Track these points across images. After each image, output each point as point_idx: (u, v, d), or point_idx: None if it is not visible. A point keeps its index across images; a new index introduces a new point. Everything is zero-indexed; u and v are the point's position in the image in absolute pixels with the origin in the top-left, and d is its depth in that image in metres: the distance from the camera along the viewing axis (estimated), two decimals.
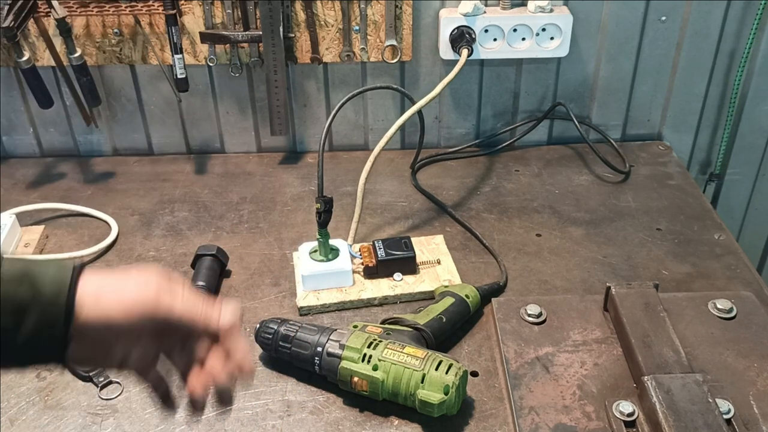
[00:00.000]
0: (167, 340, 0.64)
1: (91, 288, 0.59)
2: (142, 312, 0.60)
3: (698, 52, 1.27)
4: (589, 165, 1.29)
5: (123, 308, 0.59)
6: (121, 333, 0.60)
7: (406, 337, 0.86)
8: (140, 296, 0.60)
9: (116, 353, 0.62)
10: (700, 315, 0.93)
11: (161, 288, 0.61)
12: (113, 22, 1.18)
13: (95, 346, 0.60)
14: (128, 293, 0.60)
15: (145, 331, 0.61)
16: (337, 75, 1.27)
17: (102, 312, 0.59)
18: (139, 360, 0.64)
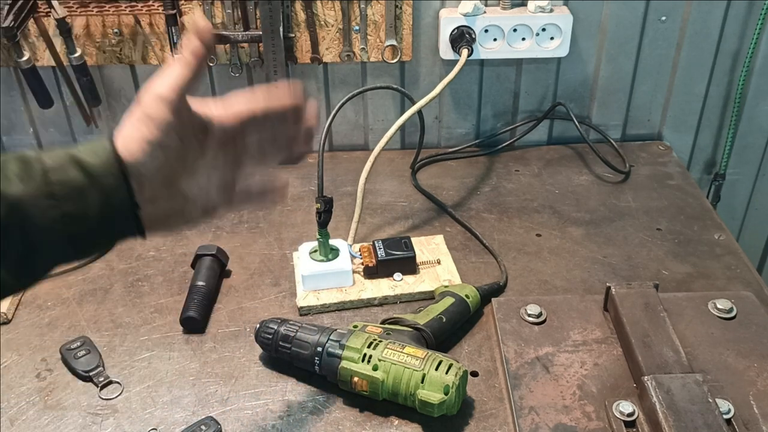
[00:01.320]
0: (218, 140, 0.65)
1: (124, 141, 0.59)
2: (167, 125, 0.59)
3: (698, 52, 1.27)
4: (589, 165, 1.29)
5: (154, 136, 0.59)
6: (170, 158, 0.60)
7: (406, 337, 0.86)
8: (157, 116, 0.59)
9: (185, 187, 0.62)
10: (700, 315, 0.93)
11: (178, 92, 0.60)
12: (113, 22, 1.18)
13: (162, 191, 0.61)
14: (151, 116, 0.59)
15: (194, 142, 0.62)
16: (337, 75, 1.27)
17: (143, 151, 0.58)
18: (213, 181, 0.65)
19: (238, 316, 0.98)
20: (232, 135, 0.66)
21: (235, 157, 0.67)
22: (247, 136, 0.67)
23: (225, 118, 0.65)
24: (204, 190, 0.65)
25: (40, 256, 0.58)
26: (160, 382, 0.88)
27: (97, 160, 0.57)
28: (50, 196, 0.56)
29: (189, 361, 0.91)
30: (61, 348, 0.91)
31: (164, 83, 0.60)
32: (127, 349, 0.93)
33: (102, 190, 0.57)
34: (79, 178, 0.57)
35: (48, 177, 0.56)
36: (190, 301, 0.96)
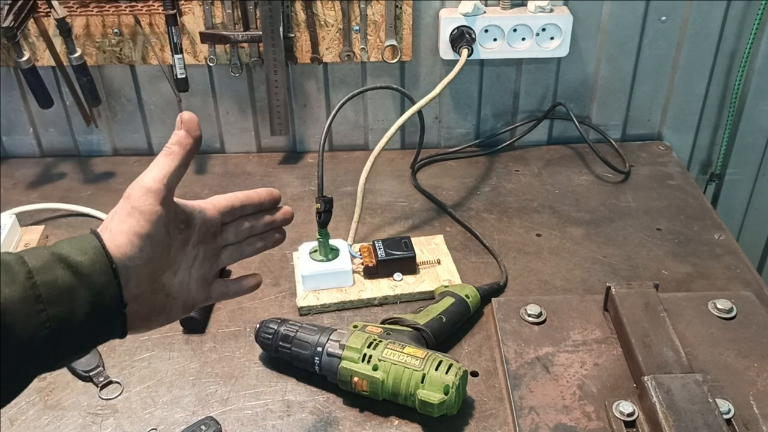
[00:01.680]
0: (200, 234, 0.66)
1: (112, 236, 0.58)
2: (155, 216, 0.59)
3: (698, 52, 1.27)
4: (589, 165, 1.29)
5: (143, 228, 0.59)
6: (156, 252, 0.60)
7: (406, 337, 0.86)
8: (146, 209, 0.59)
9: (166, 282, 0.62)
10: (700, 315, 0.93)
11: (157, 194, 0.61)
12: (113, 22, 1.18)
13: (147, 287, 0.60)
14: (140, 209, 0.59)
15: (177, 234, 0.63)
16: (337, 75, 1.27)
17: (132, 244, 0.58)
18: (193, 276, 0.66)
19: (238, 316, 0.98)
20: (212, 228, 0.68)
21: (215, 250, 0.68)
22: (225, 229, 0.69)
23: (206, 210, 0.67)
24: (185, 285, 0.65)
25: (17, 370, 0.53)
26: (160, 382, 0.88)
27: (85, 258, 0.55)
28: (37, 300, 0.52)
29: (189, 361, 0.91)
30: None
31: (152, 176, 0.60)
32: (127, 349, 0.93)
33: (92, 289, 0.55)
34: (67, 277, 0.54)
35: (33, 279, 0.53)
36: None
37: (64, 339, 0.54)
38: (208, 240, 0.67)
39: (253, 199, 0.71)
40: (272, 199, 0.72)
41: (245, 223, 0.71)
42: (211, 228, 0.67)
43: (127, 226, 0.58)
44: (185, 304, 0.66)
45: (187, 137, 0.63)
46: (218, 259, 0.69)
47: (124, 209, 0.59)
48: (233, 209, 0.69)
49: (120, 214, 0.59)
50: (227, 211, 0.69)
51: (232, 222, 0.70)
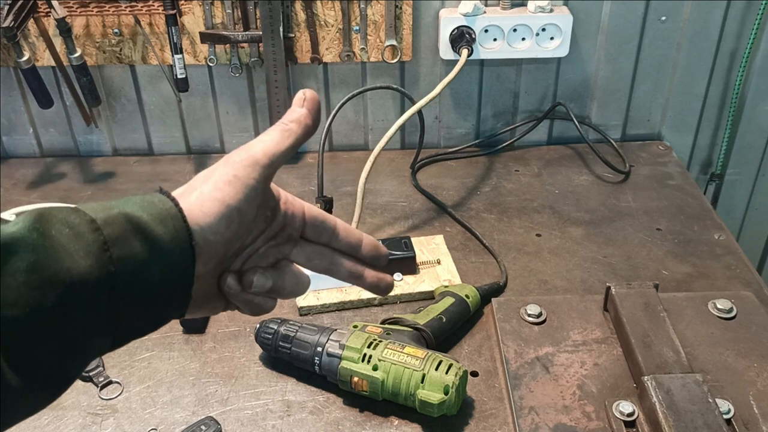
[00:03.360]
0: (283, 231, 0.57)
1: (200, 200, 0.50)
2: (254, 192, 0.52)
3: (698, 52, 1.27)
4: (589, 165, 1.29)
5: (240, 202, 0.51)
6: (240, 232, 0.52)
7: (406, 337, 0.86)
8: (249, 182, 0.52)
9: (230, 267, 0.54)
10: (700, 315, 0.93)
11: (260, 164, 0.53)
12: (113, 22, 1.18)
13: (215, 268, 0.53)
14: (240, 179, 0.52)
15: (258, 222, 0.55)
16: (337, 75, 1.27)
17: (221, 216, 0.50)
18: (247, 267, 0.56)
19: (238, 316, 0.98)
20: (289, 229, 0.58)
21: (277, 256, 0.58)
22: (300, 243, 0.59)
23: (292, 206, 0.58)
24: None
25: (80, 356, 0.46)
26: (160, 382, 0.88)
27: (165, 231, 0.47)
28: (110, 278, 0.45)
29: (189, 361, 0.91)
30: None
31: (261, 148, 0.53)
32: (127, 349, 0.92)
33: (166, 267, 0.48)
34: (144, 253, 0.46)
35: (108, 252, 0.45)
36: None
37: (128, 320, 0.47)
38: (279, 239, 0.58)
39: (351, 237, 0.60)
40: (374, 252, 0.61)
41: (328, 254, 0.60)
42: (288, 228, 0.58)
43: (223, 195, 0.50)
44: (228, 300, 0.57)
45: (308, 116, 0.55)
46: (278, 267, 0.58)
47: (225, 175, 0.51)
48: (322, 227, 0.59)
49: (217, 179, 0.51)
50: (315, 223, 0.59)
51: (314, 243, 0.59)
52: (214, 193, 0.51)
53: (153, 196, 0.50)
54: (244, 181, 0.51)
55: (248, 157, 0.52)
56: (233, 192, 0.51)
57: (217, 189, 0.51)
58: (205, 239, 0.50)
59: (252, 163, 0.52)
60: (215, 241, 0.51)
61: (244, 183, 0.51)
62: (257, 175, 0.52)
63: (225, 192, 0.51)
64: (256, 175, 0.52)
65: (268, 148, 0.53)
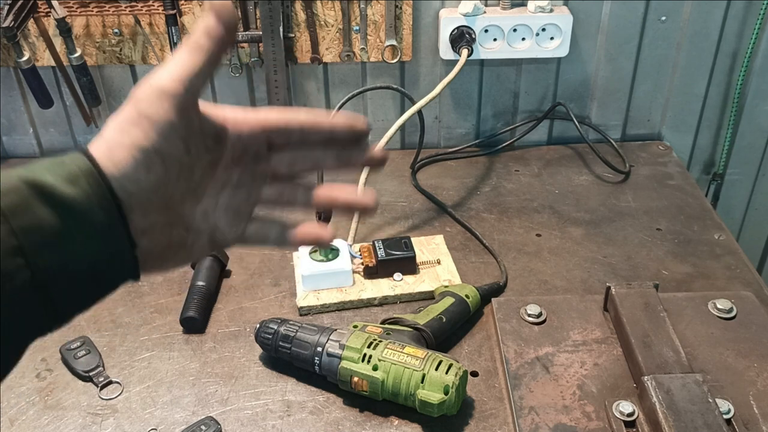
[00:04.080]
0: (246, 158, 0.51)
1: (108, 149, 0.45)
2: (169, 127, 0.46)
3: (698, 52, 1.27)
4: (589, 165, 1.29)
5: (152, 141, 0.45)
6: (170, 174, 0.46)
7: (406, 337, 0.86)
8: (158, 116, 0.45)
9: (187, 212, 0.49)
10: (700, 315, 0.93)
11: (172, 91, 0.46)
12: (113, 22, 1.18)
13: (159, 217, 0.47)
14: (148, 116, 0.45)
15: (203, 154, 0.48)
16: (337, 75, 1.27)
17: (136, 162, 0.44)
18: (222, 207, 0.51)
19: (238, 316, 0.98)
20: (252, 147, 0.52)
21: (254, 178, 0.53)
22: (274, 154, 0.53)
23: (246, 124, 0.52)
24: (209, 215, 0.51)
25: (7, 339, 0.42)
26: (160, 382, 0.88)
27: (75, 190, 0.42)
28: (15, 252, 0.40)
29: (189, 361, 0.91)
30: (61, 348, 0.91)
31: (168, 74, 0.46)
32: (127, 349, 0.93)
33: (88, 230, 0.42)
34: (53, 219, 0.41)
35: (8, 224, 0.40)
36: (190, 301, 0.96)
37: (60, 295, 0.43)
38: (246, 162, 0.52)
39: (322, 126, 0.52)
40: (352, 131, 0.53)
41: (307, 154, 0.53)
42: (250, 147, 0.52)
43: (131, 139, 0.44)
44: (212, 239, 0.52)
45: (217, 26, 0.47)
46: (259, 191, 0.54)
47: (129, 115, 0.45)
48: (288, 130, 0.52)
49: (122, 121, 0.45)
50: (278, 130, 0.52)
51: (288, 148, 0.53)
52: (122, 138, 0.45)
53: (65, 155, 0.44)
54: (153, 117, 0.45)
55: (153, 88, 0.46)
56: (142, 133, 0.45)
57: (123, 133, 0.45)
58: (128, 191, 0.44)
59: (159, 94, 0.45)
60: (141, 190, 0.45)
61: (152, 120, 0.45)
62: (168, 107, 0.45)
63: (133, 135, 0.45)
64: (166, 107, 0.45)
65: (176, 72, 0.46)
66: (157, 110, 0.45)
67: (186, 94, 0.46)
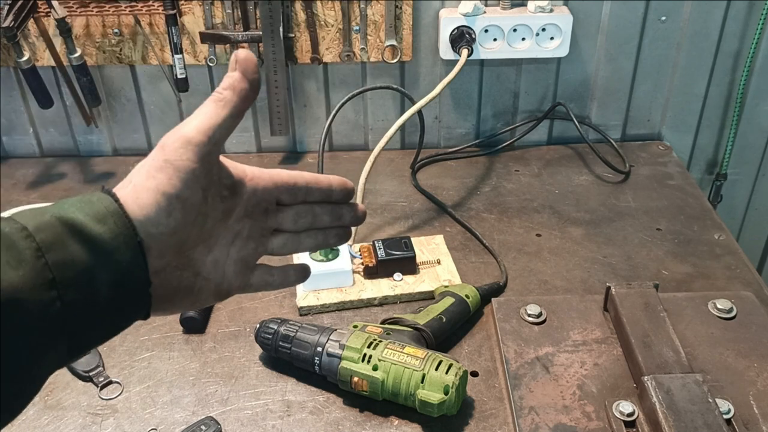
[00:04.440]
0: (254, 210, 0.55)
1: (135, 193, 0.47)
2: (191, 175, 0.48)
3: (698, 52, 1.27)
4: (589, 165, 1.29)
5: (175, 188, 0.48)
6: (188, 220, 0.49)
7: (406, 337, 0.86)
8: (182, 164, 0.48)
9: (198, 258, 0.52)
10: (700, 315, 0.93)
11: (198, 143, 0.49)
12: (113, 22, 1.18)
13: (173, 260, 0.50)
14: (173, 163, 0.48)
15: (218, 202, 0.52)
16: (337, 75, 1.27)
17: (158, 206, 0.47)
18: (232, 256, 0.54)
19: (238, 316, 0.98)
20: (263, 203, 0.56)
21: (263, 231, 0.57)
22: (282, 210, 0.58)
23: (259, 180, 0.56)
24: (220, 265, 0.54)
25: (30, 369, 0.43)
26: (160, 382, 0.88)
27: (104, 229, 0.45)
28: (50, 285, 0.42)
29: (189, 361, 0.91)
30: None
31: (195, 125, 0.49)
32: (127, 349, 0.93)
33: (114, 268, 0.45)
34: (84, 255, 0.44)
35: (43, 258, 0.42)
36: None
37: (82, 329, 0.45)
38: (257, 216, 0.56)
39: (322, 184, 0.59)
40: (344, 190, 0.60)
41: (309, 210, 0.59)
42: (262, 202, 0.56)
43: (156, 183, 0.47)
44: (218, 289, 0.55)
45: (242, 81, 0.51)
46: (267, 243, 0.58)
47: (156, 162, 0.48)
48: (296, 188, 0.58)
49: (149, 167, 0.48)
50: (288, 188, 0.57)
51: (293, 205, 0.58)
52: (147, 182, 0.47)
53: (91, 195, 0.47)
54: (177, 164, 0.48)
55: (179, 137, 0.48)
56: (166, 178, 0.47)
57: (149, 177, 0.47)
58: (148, 233, 0.47)
59: (184, 143, 0.48)
60: (160, 233, 0.47)
61: (176, 167, 0.48)
62: (192, 156, 0.48)
63: (158, 180, 0.47)
64: (190, 155, 0.48)
65: (201, 123, 0.49)
66: (181, 157, 0.48)
67: (210, 144, 0.49)
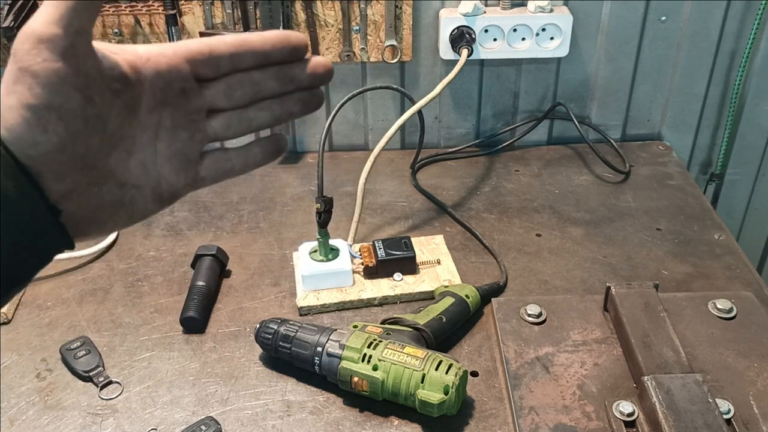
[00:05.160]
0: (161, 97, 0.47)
1: None
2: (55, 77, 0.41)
3: (698, 52, 1.27)
4: (589, 165, 1.29)
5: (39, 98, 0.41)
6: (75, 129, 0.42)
7: (406, 337, 0.86)
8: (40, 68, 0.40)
9: (116, 166, 0.45)
10: (700, 315, 0.93)
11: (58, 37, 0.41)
12: (113, 22, 1.18)
13: (80, 177, 0.44)
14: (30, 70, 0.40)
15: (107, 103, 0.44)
16: (337, 75, 1.27)
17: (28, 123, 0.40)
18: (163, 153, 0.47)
19: (238, 316, 0.98)
20: (177, 83, 0.47)
21: (193, 115, 0.49)
22: (207, 87, 0.49)
23: (161, 58, 0.46)
24: (150, 166, 0.47)
25: None
26: (160, 382, 0.88)
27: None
28: None
29: (189, 361, 0.91)
30: (61, 348, 0.91)
31: (41, 18, 0.40)
32: (127, 349, 0.93)
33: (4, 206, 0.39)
34: None
35: None
36: (190, 301, 0.96)
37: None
38: (174, 101, 0.47)
39: (252, 45, 0.48)
40: (287, 47, 0.49)
41: (244, 78, 0.49)
42: (173, 82, 0.47)
43: (17, 98, 0.40)
44: (155, 193, 0.48)
45: None
46: (204, 128, 0.49)
47: (11, 72, 0.41)
48: (213, 58, 0.48)
49: (6, 81, 0.41)
50: (203, 59, 0.47)
51: (221, 77, 0.49)
52: (8, 99, 0.40)
53: None
54: (33, 69, 0.40)
55: (27, 37, 0.40)
56: (27, 89, 0.40)
57: (8, 93, 0.40)
58: (28, 155, 0.40)
59: (35, 42, 0.40)
60: (44, 153, 0.41)
61: (34, 72, 0.40)
62: (48, 55, 0.40)
63: (19, 92, 0.40)
64: (46, 55, 0.40)
65: (49, 14, 0.40)
66: (36, 61, 0.40)
67: (66, 36, 0.41)
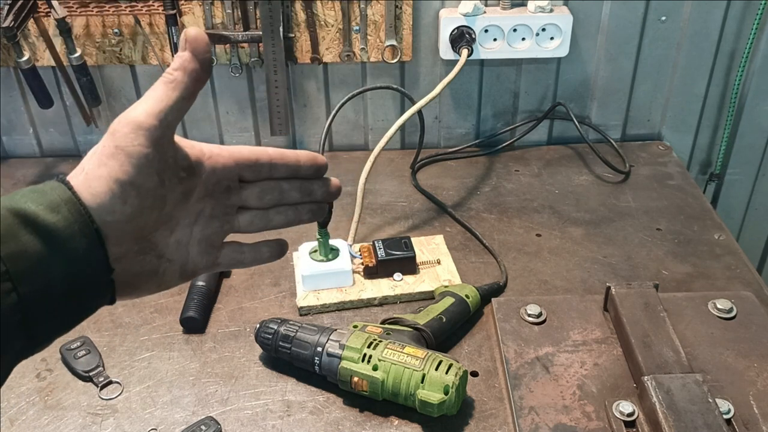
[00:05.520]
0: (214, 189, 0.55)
1: (87, 181, 0.47)
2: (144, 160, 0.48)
3: (698, 52, 1.27)
4: (589, 165, 1.29)
5: (127, 174, 0.47)
6: (144, 205, 0.48)
7: (406, 337, 0.86)
8: (133, 150, 0.47)
9: (160, 242, 0.52)
10: (700, 315, 0.93)
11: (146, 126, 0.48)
12: (113, 22, 1.18)
13: (133, 246, 0.50)
14: (124, 150, 0.47)
15: (176, 185, 0.51)
16: (337, 75, 1.27)
17: (112, 194, 0.47)
18: (195, 237, 0.54)
19: (238, 316, 0.98)
20: (224, 181, 0.56)
21: (227, 209, 0.57)
22: (246, 188, 0.57)
23: (219, 158, 0.55)
24: (183, 245, 0.54)
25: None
26: (160, 382, 0.88)
27: (58, 218, 0.44)
28: (5, 277, 0.42)
29: (189, 361, 0.91)
30: (61, 348, 0.91)
31: (143, 108, 0.48)
32: (127, 349, 0.93)
33: (70, 257, 0.45)
34: (37, 245, 0.43)
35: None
36: (190, 301, 0.96)
37: (40, 320, 0.45)
38: (218, 195, 0.56)
39: (288, 159, 0.58)
40: (314, 165, 0.59)
41: (275, 186, 0.58)
42: (223, 180, 0.55)
43: (108, 171, 0.46)
44: (183, 269, 0.55)
45: (192, 61, 0.50)
46: (232, 221, 0.58)
47: (107, 148, 0.47)
48: (258, 165, 0.57)
49: (101, 154, 0.47)
50: (249, 164, 0.56)
51: (257, 182, 0.58)
52: (99, 170, 0.47)
53: (45, 184, 0.46)
54: (128, 150, 0.47)
55: (128, 122, 0.47)
56: (118, 165, 0.47)
57: (101, 165, 0.47)
58: (104, 221, 0.46)
59: (134, 128, 0.47)
60: (117, 220, 0.47)
61: (128, 153, 0.47)
62: (143, 141, 0.47)
63: (110, 167, 0.47)
64: (141, 140, 0.47)
65: (150, 107, 0.48)
66: (132, 143, 0.47)
67: (162, 128, 0.48)
